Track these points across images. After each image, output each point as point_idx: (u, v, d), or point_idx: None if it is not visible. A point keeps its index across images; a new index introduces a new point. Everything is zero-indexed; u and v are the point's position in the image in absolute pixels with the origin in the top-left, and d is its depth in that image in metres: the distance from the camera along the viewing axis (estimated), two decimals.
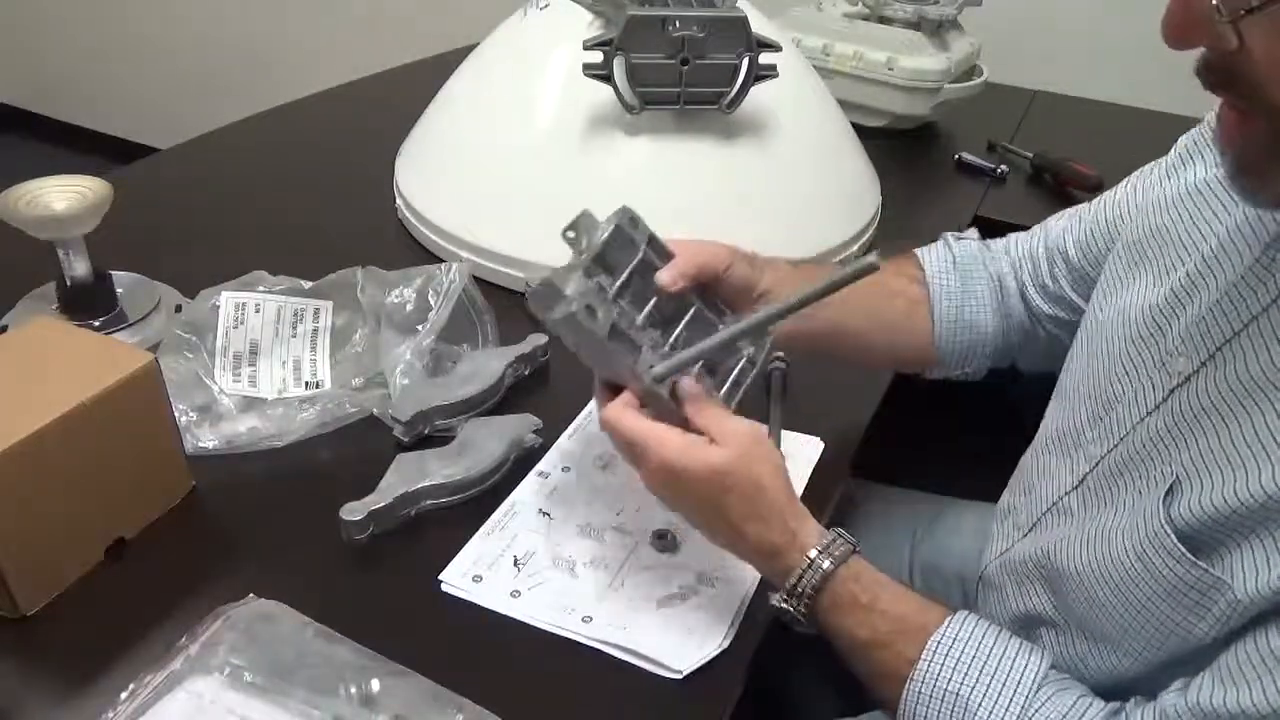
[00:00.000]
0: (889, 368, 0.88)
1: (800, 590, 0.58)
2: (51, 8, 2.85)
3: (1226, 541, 0.49)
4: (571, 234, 0.63)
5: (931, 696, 0.55)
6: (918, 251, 0.82)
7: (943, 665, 0.55)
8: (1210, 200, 0.61)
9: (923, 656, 0.56)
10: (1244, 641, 0.48)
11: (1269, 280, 0.52)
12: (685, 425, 0.60)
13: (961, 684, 0.54)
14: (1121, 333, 0.63)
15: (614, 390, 0.63)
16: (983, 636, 0.56)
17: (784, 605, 0.59)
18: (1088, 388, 0.66)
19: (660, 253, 0.64)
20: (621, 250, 0.63)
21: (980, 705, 0.54)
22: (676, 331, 0.64)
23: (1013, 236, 0.83)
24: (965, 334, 0.79)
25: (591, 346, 0.60)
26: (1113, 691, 0.55)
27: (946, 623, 0.57)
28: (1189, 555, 0.50)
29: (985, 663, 0.55)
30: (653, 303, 0.63)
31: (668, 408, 0.60)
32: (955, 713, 0.54)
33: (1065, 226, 0.78)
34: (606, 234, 0.62)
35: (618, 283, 0.62)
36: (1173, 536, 0.51)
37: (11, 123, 3.10)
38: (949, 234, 0.84)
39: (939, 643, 0.56)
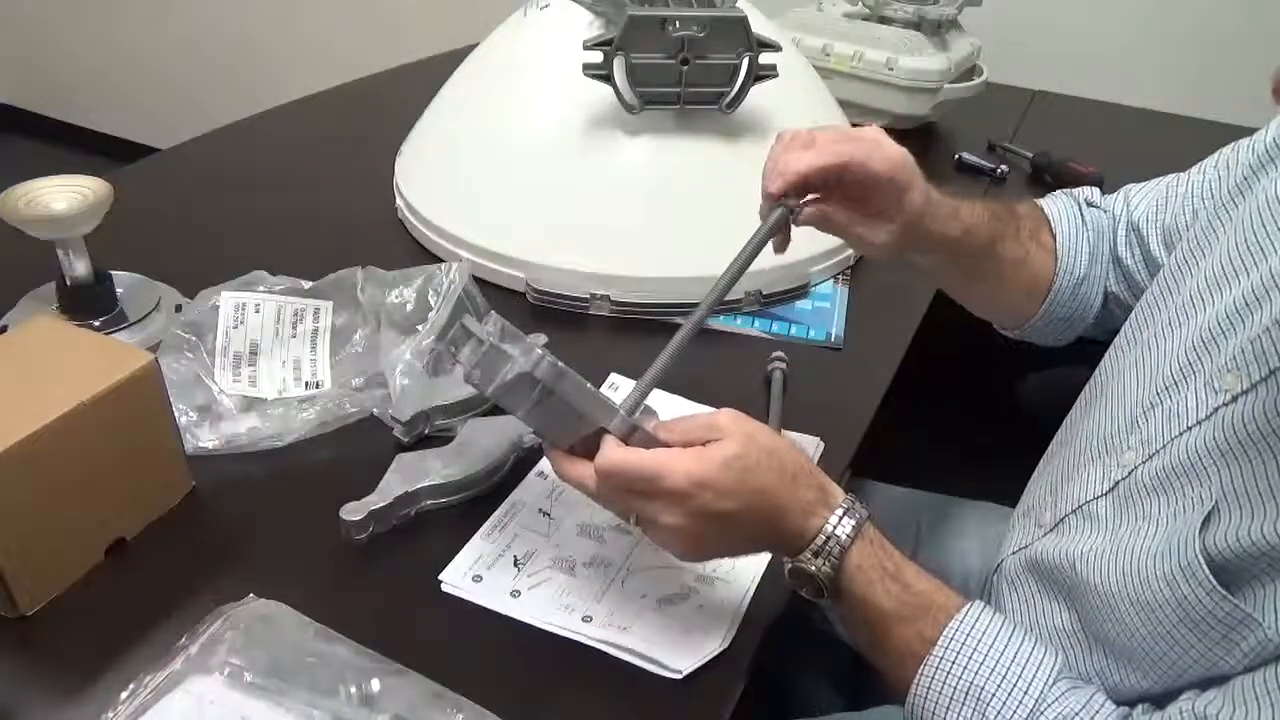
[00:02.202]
0: (971, 309, 0.83)
1: (829, 548, 0.55)
2: (51, 8, 2.85)
3: (1261, 577, 0.48)
4: (453, 349, 0.58)
5: (945, 683, 0.54)
6: (1051, 216, 0.78)
7: (959, 653, 0.54)
8: None
9: (940, 642, 0.55)
10: (1265, 669, 0.47)
11: None
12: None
13: (977, 674, 0.54)
14: (1175, 336, 0.61)
15: (571, 453, 0.58)
16: (999, 629, 0.56)
17: (808, 567, 0.56)
18: (1130, 389, 0.64)
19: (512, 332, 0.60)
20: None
21: (994, 696, 0.53)
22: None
23: (1110, 196, 0.81)
24: (1071, 313, 0.78)
25: (554, 402, 0.55)
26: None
27: (965, 611, 0.56)
28: (1220, 589, 0.48)
29: (1002, 655, 0.54)
30: None
31: (650, 438, 0.57)
32: (969, 701, 0.54)
33: (1150, 208, 0.76)
34: (496, 325, 0.59)
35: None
36: (1205, 569, 0.49)
37: (11, 123, 3.10)
38: (1082, 194, 0.80)
39: (957, 629, 0.55)
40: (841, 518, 0.56)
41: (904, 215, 0.68)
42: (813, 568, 0.56)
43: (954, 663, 0.54)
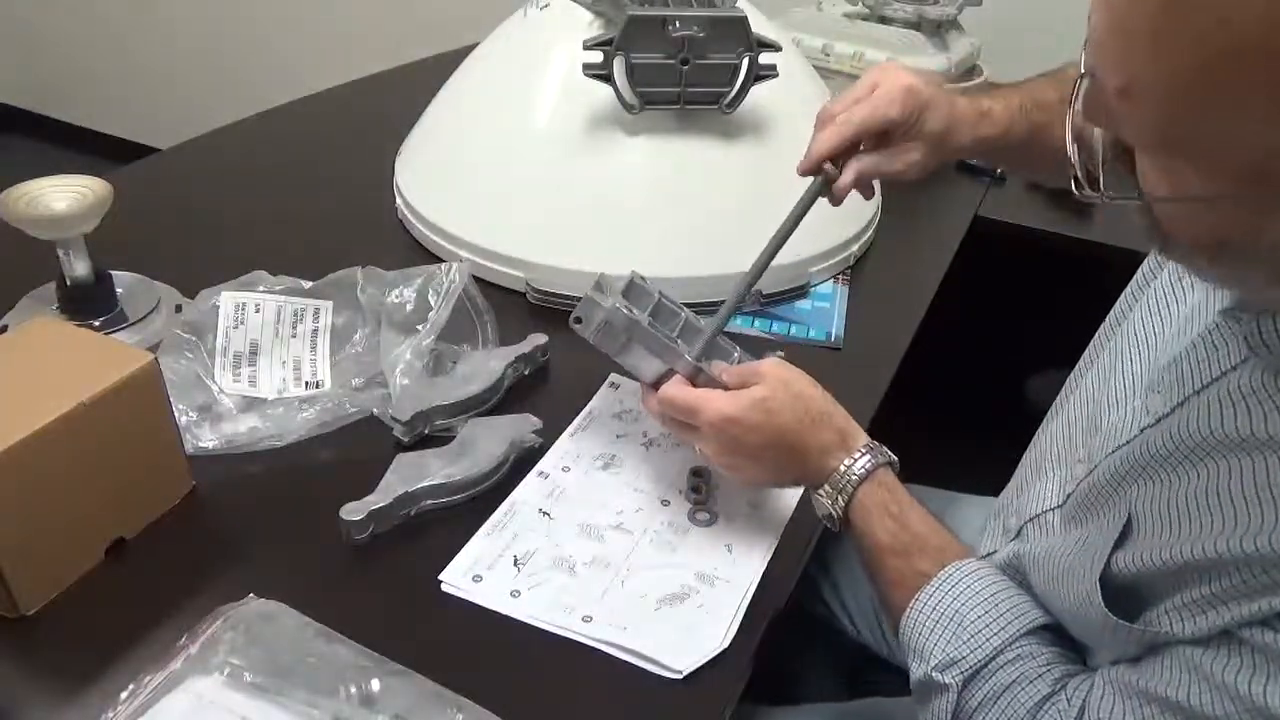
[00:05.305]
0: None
1: (842, 484, 0.63)
2: (51, 8, 2.85)
3: (1167, 591, 0.49)
4: (594, 294, 0.71)
5: (935, 609, 0.59)
6: None
7: (954, 586, 0.59)
8: None
9: (938, 576, 0.60)
10: (1179, 649, 0.49)
11: (1224, 347, 0.52)
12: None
13: (964, 605, 0.59)
14: (1123, 353, 0.63)
15: (657, 390, 0.69)
16: (996, 579, 0.60)
17: (823, 499, 0.64)
18: (1089, 400, 0.66)
19: (672, 301, 0.74)
20: (638, 297, 0.72)
21: (973, 623, 0.58)
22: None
23: None
24: None
25: (636, 343, 0.69)
26: None
27: (969, 560, 0.61)
28: (1113, 617, 0.51)
29: (990, 597, 0.59)
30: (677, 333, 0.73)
31: (712, 380, 0.68)
32: (950, 625, 0.58)
33: None
34: (625, 282, 0.72)
35: (646, 314, 0.71)
36: (1100, 596, 0.52)
37: (11, 123, 3.10)
38: None
39: (957, 568, 0.60)
40: (857, 460, 0.63)
41: (924, 135, 0.74)
42: (827, 500, 0.64)
43: (946, 593, 0.59)
